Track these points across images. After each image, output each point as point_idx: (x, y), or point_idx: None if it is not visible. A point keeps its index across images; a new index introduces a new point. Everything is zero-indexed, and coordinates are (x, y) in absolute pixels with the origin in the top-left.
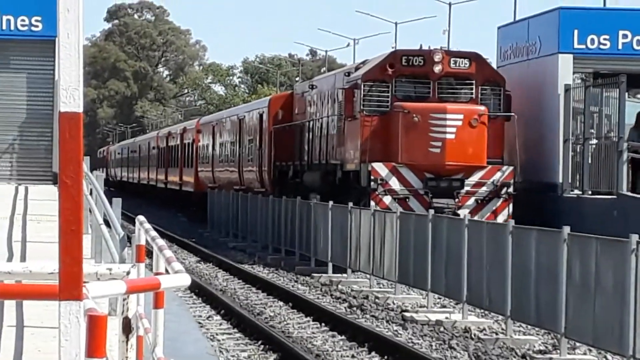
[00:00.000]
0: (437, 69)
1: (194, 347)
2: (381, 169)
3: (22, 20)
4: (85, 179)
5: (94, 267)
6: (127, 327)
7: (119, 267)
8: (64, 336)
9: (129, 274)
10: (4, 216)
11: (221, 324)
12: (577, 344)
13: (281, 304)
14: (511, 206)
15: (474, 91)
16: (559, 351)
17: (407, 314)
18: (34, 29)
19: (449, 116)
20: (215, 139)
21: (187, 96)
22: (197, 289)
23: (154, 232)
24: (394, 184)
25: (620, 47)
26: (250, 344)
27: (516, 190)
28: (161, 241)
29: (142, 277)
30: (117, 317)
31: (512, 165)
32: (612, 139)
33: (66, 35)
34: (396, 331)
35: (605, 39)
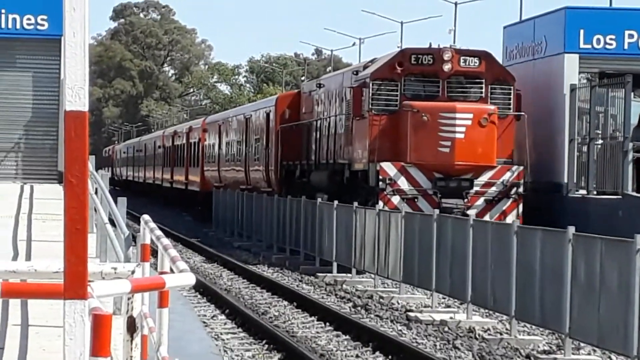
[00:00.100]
0: (447, 67)
1: (198, 346)
2: (390, 169)
3: (28, 19)
4: (90, 178)
5: (98, 266)
6: (131, 326)
7: (123, 266)
8: (69, 335)
9: (133, 273)
10: (9, 215)
11: (226, 324)
12: (582, 345)
13: (286, 303)
14: (521, 206)
15: (484, 90)
16: (563, 351)
17: (412, 314)
18: (39, 27)
19: (458, 115)
20: (221, 138)
21: (192, 95)
22: (202, 288)
23: (158, 232)
24: (403, 183)
25: (626, 47)
26: (254, 344)
27: (526, 190)
28: (166, 240)
29: (147, 276)
30: (121, 316)
31: (522, 165)
32: (618, 139)
33: (72, 34)
34: (400, 331)
35: (611, 39)
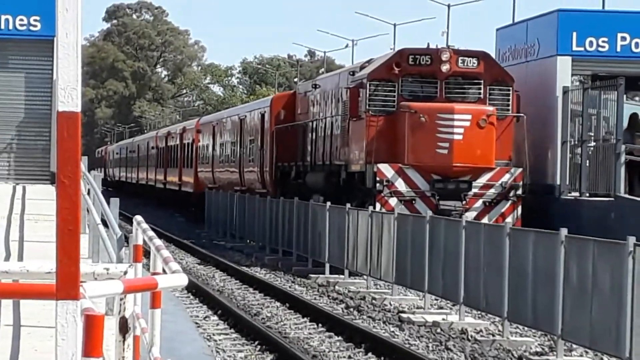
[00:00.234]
0: (445, 68)
1: (190, 347)
2: (387, 170)
3: (21, 19)
4: (83, 179)
5: (91, 266)
6: (124, 327)
7: (116, 266)
8: (61, 336)
9: (126, 273)
10: (1, 215)
11: (218, 324)
12: (574, 346)
13: (278, 304)
14: (520, 209)
15: (482, 91)
16: (555, 353)
17: (404, 315)
18: (32, 28)
19: (456, 116)
20: (215, 139)
21: (185, 96)
22: (194, 289)
23: (151, 232)
24: (400, 185)
25: (618, 49)
26: (247, 345)
27: (525, 192)
28: (158, 241)
29: (140, 277)
30: (114, 317)
31: (521, 166)
32: (610, 141)
33: (65, 34)
34: (393, 332)
35: (603, 42)
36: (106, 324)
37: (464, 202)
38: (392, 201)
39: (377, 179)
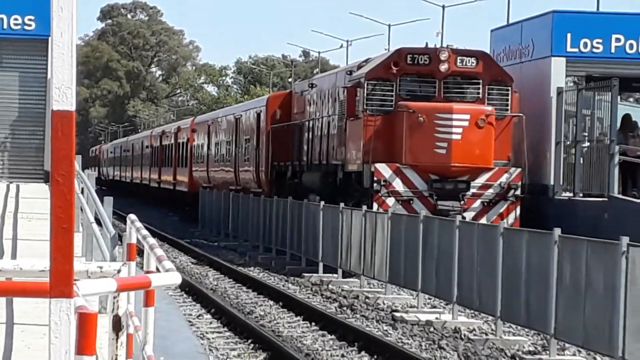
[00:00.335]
0: (443, 67)
1: (184, 346)
2: (384, 170)
3: (15, 19)
4: (76, 178)
5: (84, 265)
6: (117, 325)
7: (109, 265)
8: (54, 333)
9: (119, 272)
10: None
11: (211, 323)
12: (567, 345)
13: (271, 303)
14: (519, 209)
15: (481, 91)
16: (548, 352)
17: (397, 314)
18: (27, 28)
19: (455, 116)
20: (210, 138)
21: (179, 96)
22: (188, 288)
23: (145, 231)
24: (398, 185)
25: (613, 50)
26: (240, 343)
27: (524, 192)
28: (152, 240)
29: (133, 275)
30: (107, 315)
31: (520, 167)
32: (604, 141)
33: (59, 34)
34: (386, 331)
35: (598, 43)
36: (100, 322)
37: (462, 202)
38: (390, 201)
39: (375, 178)
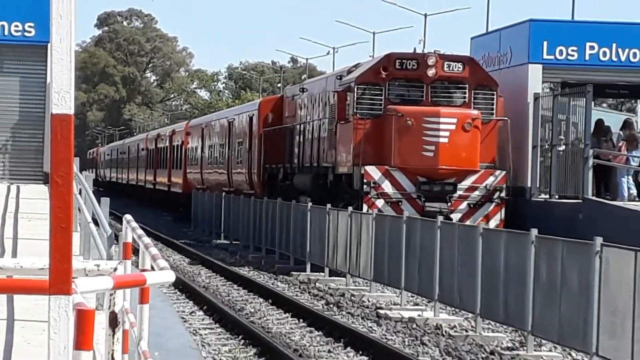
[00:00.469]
0: (431, 72)
1: (177, 341)
2: (374, 172)
3: (16, 26)
4: (75, 179)
5: (82, 263)
6: (113, 321)
7: (106, 263)
8: (53, 329)
9: (116, 270)
10: None
11: (204, 319)
12: (544, 342)
13: (261, 300)
14: (503, 211)
15: (467, 95)
16: (525, 348)
17: (382, 311)
18: (27, 34)
19: (442, 120)
20: (204, 141)
21: (173, 100)
22: (181, 286)
23: (140, 231)
24: (387, 187)
25: (587, 58)
26: (231, 339)
27: (509, 194)
28: (147, 239)
29: (129, 273)
30: (104, 312)
31: (505, 169)
32: (579, 145)
33: (59, 40)
34: (371, 327)
35: (573, 50)
36: (97, 319)
37: (449, 203)
38: (379, 203)
39: (365, 180)
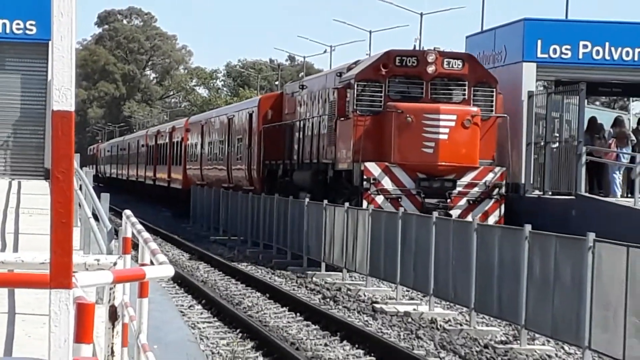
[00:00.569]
0: (431, 69)
1: (176, 335)
2: (374, 169)
3: (17, 24)
4: (75, 175)
5: (82, 257)
6: (113, 315)
7: (106, 258)
8: (54, 323)
9: (115, 264)
10: None
11: (202, 313)
12: (537, 335)
13: (259, 294)
14: (503, 207)
15: (467, 92)
16: (519, 342)
17: (377, 306)
18: (28, 32)
19: (442, 117)
20: (204, 137)
21: (172, 98)
22: (180, 280)
23: (139, 226)
24: (387, 183)
25: (580, 56)
26: (229, 332)
27: (508, 191)
28: (146, 234)
29: (128, 267)
30: (104, 306)
31: (504, 166)
32: (572, 143)
33: (60, 38)
34: (367, 321)
35: (566, 49)
36: (97, 312)
37: (449, 200)
38: (379, 199)
39: (364, 177)
